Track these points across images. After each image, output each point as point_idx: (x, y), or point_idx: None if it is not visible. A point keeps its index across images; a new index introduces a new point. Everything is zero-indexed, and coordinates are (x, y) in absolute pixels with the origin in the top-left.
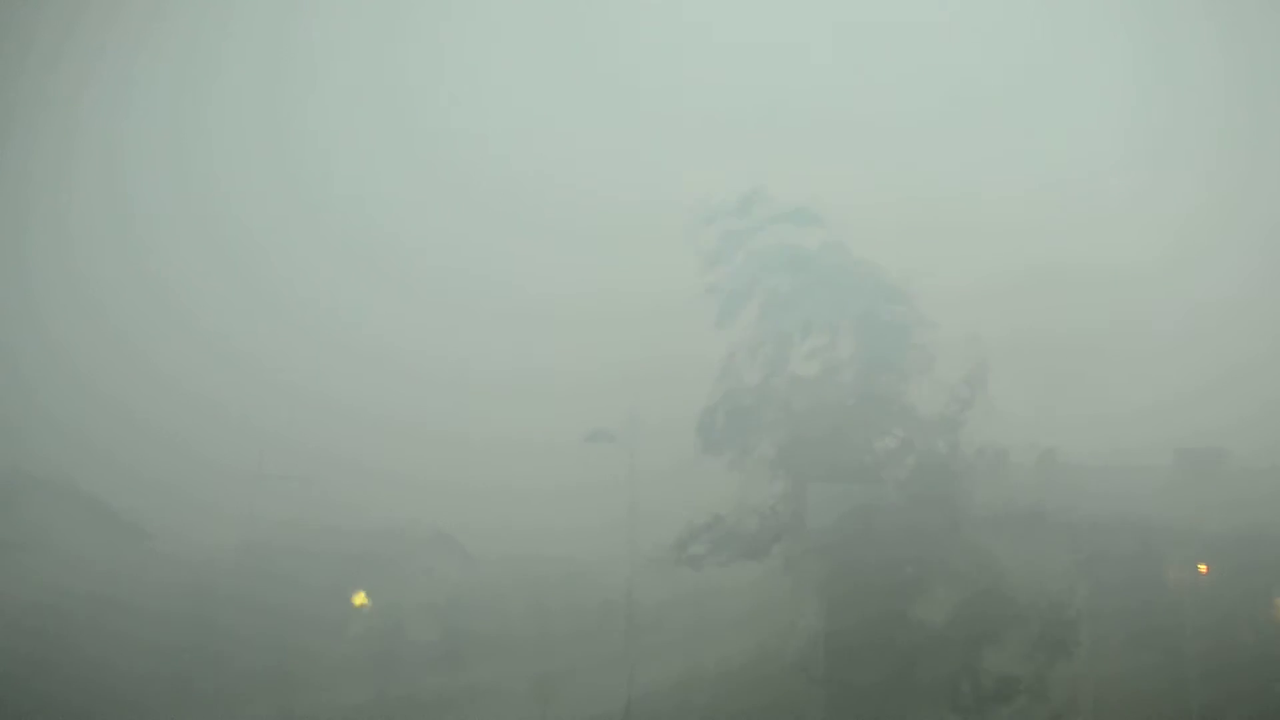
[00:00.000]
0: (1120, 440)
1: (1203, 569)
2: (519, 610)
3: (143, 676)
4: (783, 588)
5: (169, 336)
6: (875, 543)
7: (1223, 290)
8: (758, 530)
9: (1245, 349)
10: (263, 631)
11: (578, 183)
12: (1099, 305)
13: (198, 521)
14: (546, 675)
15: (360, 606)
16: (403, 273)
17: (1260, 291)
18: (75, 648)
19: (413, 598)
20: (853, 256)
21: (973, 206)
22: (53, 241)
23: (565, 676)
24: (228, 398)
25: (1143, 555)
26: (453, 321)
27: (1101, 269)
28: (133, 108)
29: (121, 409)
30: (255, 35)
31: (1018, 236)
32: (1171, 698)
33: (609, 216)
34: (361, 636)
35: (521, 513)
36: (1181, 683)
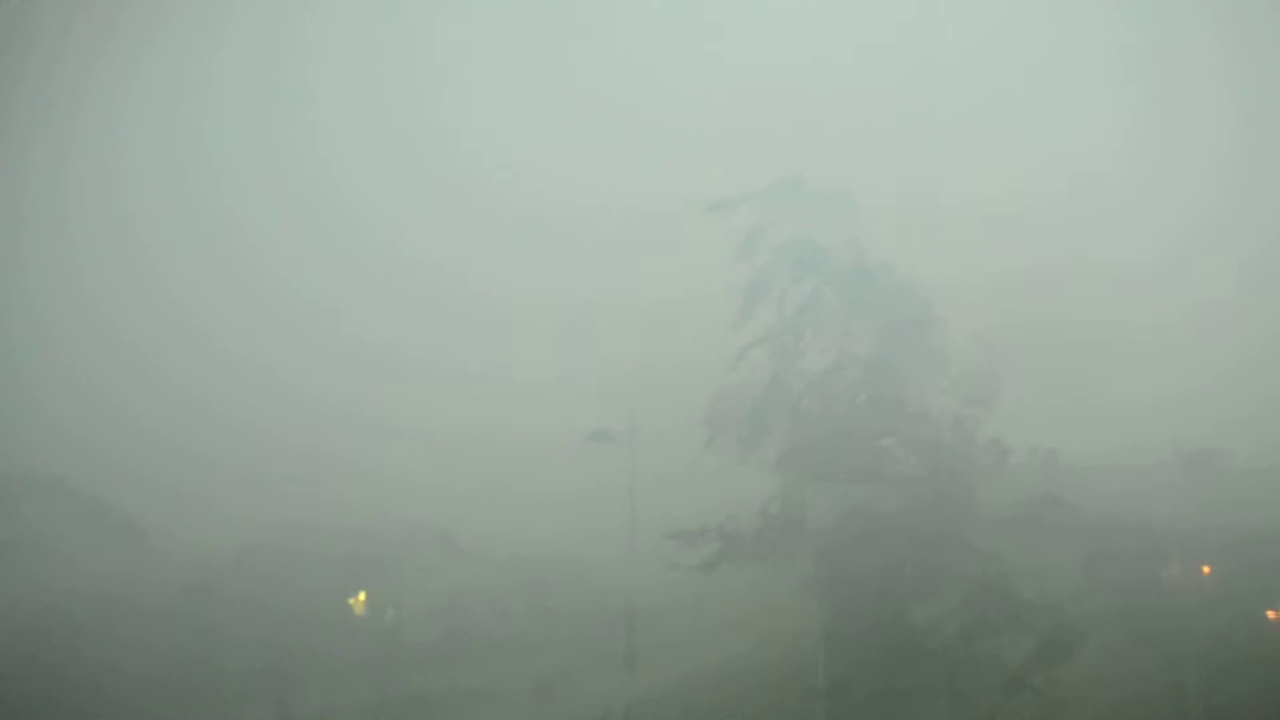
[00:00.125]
0: (1121, 440)
1: (1204, 568)
2: (519, 612)
3: (143, 676)
4: (783, 589)
5: (169, 340)
6: (878, 543)
7: (1223, 290)
8: (766, 531)
9: (1245, 349)
10: (263, 632)
11: (579, 189)
12: (1099, 305)
13: (198, 522)
14: (547, 676)
15: (361, 607)
16: (401, 276)
17: (1260, 291)
18: (76, 648)
19: (413, 599)
20: (866, 257)
21: (974, 207)
22: (52, 243)
23: (565, 678)
24: (229, 400)
25: (1144, 554)
26: (453, 326)
27: (1102, 269)
28: (131, 111)
29: (121, 411)
30: (253, 42)
31: (1018, 237)
32: (1171, 696)
33: (608, 223)
34: (362, 637)
35: (522, 515)
36: (1182, 681)
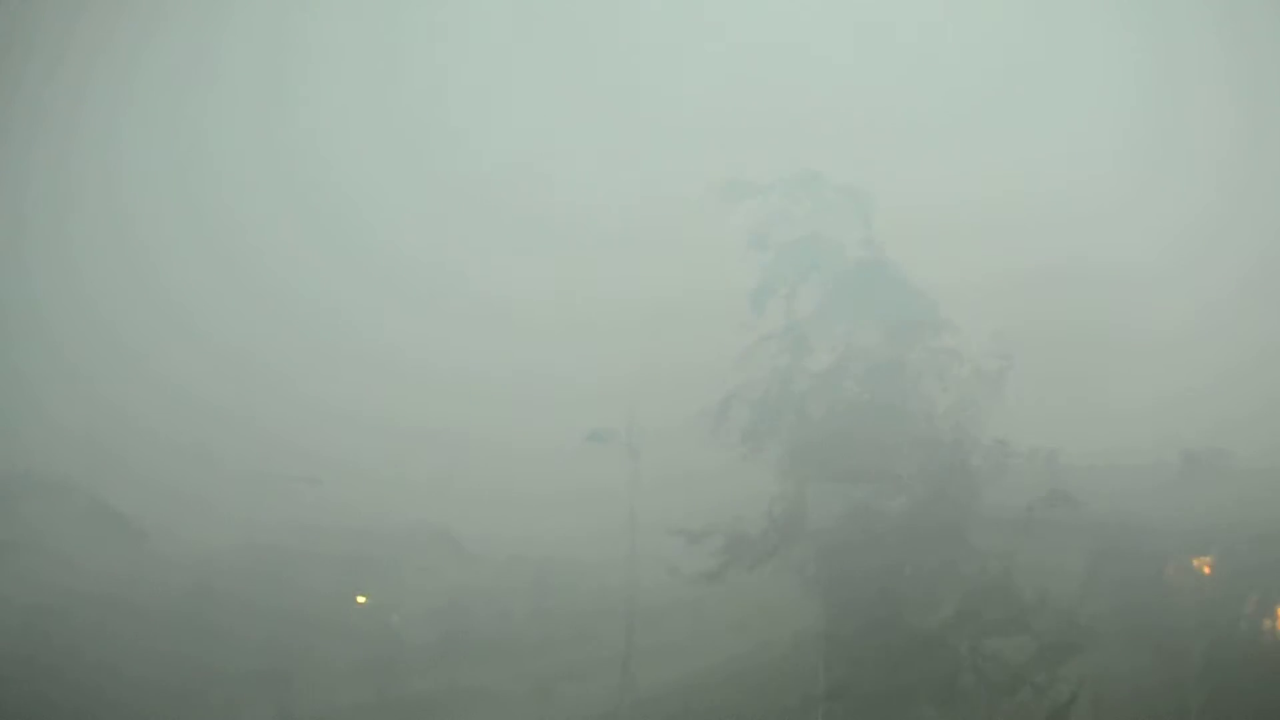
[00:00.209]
0: (1121, 440)
1: (1205, 568)
2: (519, 612)
3: (143, 676)
4: (784, 589)
5: (170, 339)
6: (878, 543)
7: (1223, 290)
8: (771, 534)
9: (1245, 349)
10: (263, 632)
11: (579, 188)
12: (1099, 305)
13: (198, 522)
14: (547, 676)
15: (361, 608)
16: (401, 276)
17: (1260, 291)
18: (75, 648)
19: (413, 599)
20: (877, 255)
21: (974, 207)
22: (52, 243)
23: (565, 678)
24: (229, 400)
25: (1144, 554)
26: (453, 326)
27: (1102, 269)
28: (131, 111)
29: (122, 411)
30: (253, 42)
31: (1018, 237)
32: (1171, 695)
33: (609, 222)
34: (362, 637)
35: (522, 515)
36: (1181, 680)
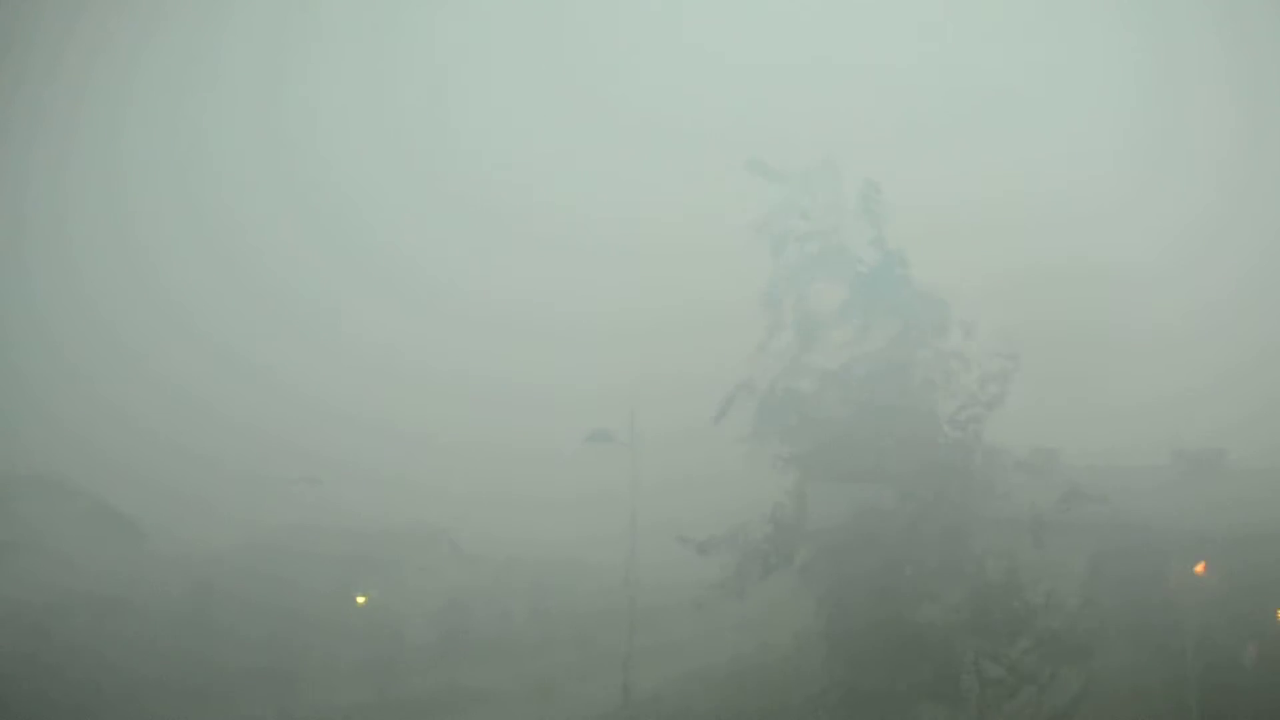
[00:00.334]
0: (1121, 440)
1: (1203, 569)
2: (519, 612)
3: (143, 676)
4: (784, 589)
5: (170, 339)
6: (879, 543)
7: (1223, 290)
8: (778, 538)
9: (1245, 349)
10: (263, 632)
11: (579, 190)
12: (1099, 305)
13: (198, 522)
14: (547, 677)
15: (361, 608)
16: (401, 277)
17: (1260, 291)
18: (75, 647)
19: (413, 599)
20: (887, 256)
21: (973, 207)
22: (52, 243)
23: (565, 678)
24: (229, 400)
25: (1144, 554)
26: (453, 327)
27: (1102, 269)
28: (131, 111)
29: (121, 410)
30: (253, 42)
31: (1018, 237)
32: (1171, 695)
33: (609, 223)
34: (362, 637)
35: (522, 516)
36: (1182, 681)
